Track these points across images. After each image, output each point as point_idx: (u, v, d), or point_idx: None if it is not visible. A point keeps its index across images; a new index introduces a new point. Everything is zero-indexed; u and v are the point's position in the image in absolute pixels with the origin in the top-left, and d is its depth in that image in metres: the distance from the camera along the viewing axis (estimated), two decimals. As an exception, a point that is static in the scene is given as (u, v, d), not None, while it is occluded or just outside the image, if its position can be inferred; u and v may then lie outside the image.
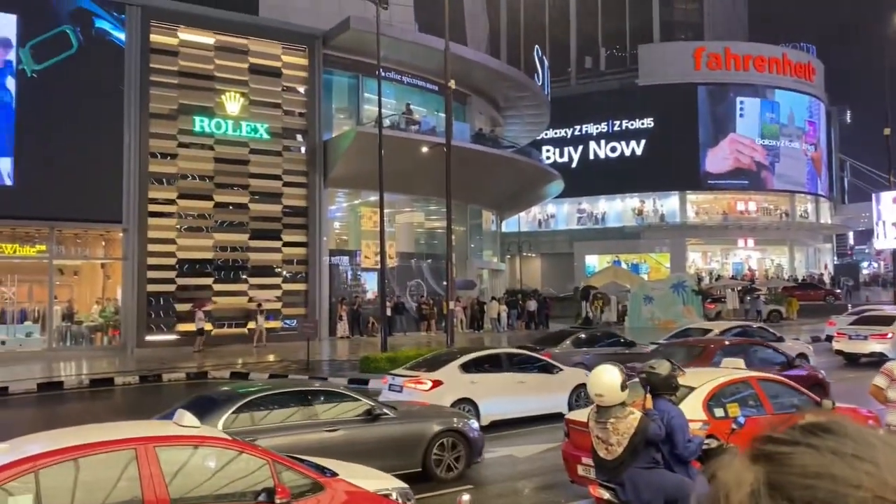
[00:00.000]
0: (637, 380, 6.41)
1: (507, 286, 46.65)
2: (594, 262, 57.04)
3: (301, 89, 29.79)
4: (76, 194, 24.90)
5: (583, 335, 18.65)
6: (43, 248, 25.33)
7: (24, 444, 5.46)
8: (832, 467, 0.69)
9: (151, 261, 26.25)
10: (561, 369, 13.67)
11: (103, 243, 27.48)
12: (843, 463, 0.69)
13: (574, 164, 58.86)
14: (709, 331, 17.48)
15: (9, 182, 24.18)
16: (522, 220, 56.33)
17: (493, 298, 36.53)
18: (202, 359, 23.03)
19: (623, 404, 5.47)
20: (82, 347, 25.75)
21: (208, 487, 5.41)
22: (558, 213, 61.52)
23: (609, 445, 5.42)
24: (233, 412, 8.05)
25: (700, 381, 8.09)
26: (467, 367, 12.67)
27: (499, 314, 34.68)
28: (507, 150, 37.50)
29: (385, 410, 9.02)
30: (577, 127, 59.61)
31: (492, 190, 36.32)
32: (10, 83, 24.47)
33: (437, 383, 12.10)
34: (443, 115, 28.56)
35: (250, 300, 27.35)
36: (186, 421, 5.73)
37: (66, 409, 15.92)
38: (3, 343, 24.57)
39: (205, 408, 7.99)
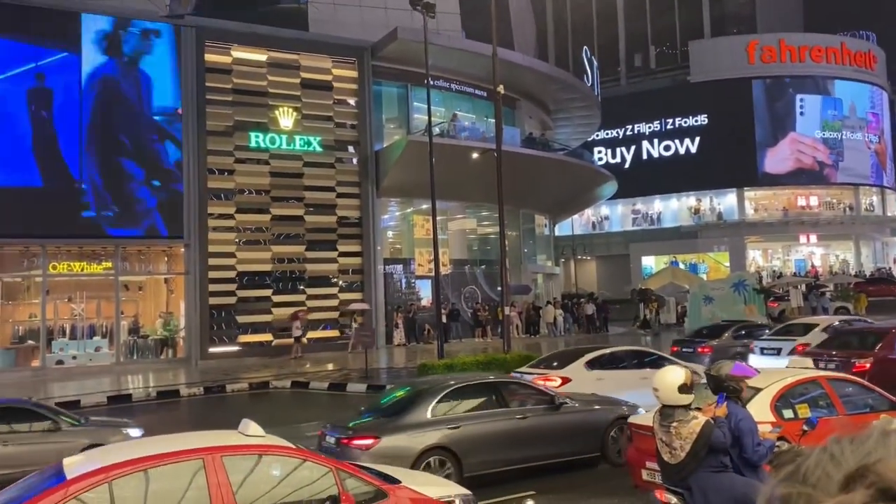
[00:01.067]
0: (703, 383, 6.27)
1: (563, 290, 46.26)
2: (651, 263, 56.10)
3: (352, 101, 30.19)
4: (139, 212, 25.75)
5: (743, 329, 20.08)
6: (109, 265, 26.22)
7: (97, 456, 5.65)
8: None
9: (212, 274, 26.92)
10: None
11: (166, 259, 28.29)
12: None
13: (627, 165, 58.06)
14: (811, 326, 18.13)
15: (87, 205, 25.11)
16: (576, 223, 55.87)
17: (549, 303, 36.27)
18: (296, 365, 23.87)
19: (687, 408, 5.35)
20: (148, 360, 26.53)
21: (274, 495, 5.50)
22: (612, 214, 60.75)
23: (672, 450, 5.31)
24: (438, 401, 9.10)
25: (767, 382, 7.86)
26: (592, 364, 13.03)
27: (555, 318, 34.39)
28: (558, 153, 37.25)
29: (566, 400, 9.93)
30: (629, 126, 58.80)
31: (544, 194, 36.11)
32: (75, 103, 25.41)
33: (565, 380, 12.25)
34: (492, 120, 28.55)
35: (294, 316, 27.51)
36: (251, 430, 5.84)
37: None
38: (74, 358, 25.48)
39: (411, 400, 9.20)
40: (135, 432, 10.86)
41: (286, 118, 28.52)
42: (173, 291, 28.31)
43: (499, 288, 28.79)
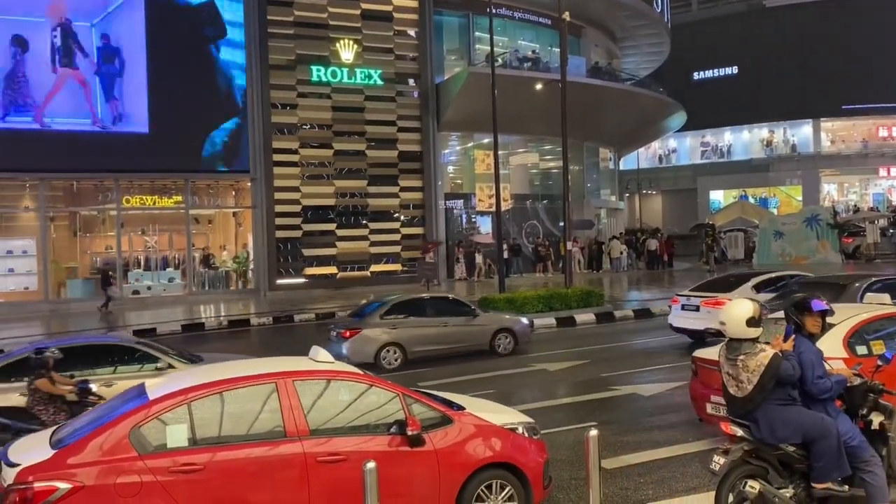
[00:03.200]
0: (773, 317, 6.15)
1: (626, 225, 45.55)
2: (719, 197, 54.58)
3: (412, 32, 29.75)
4: (207, 146, 26.30)
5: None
6: (179, 198, 27.00)
7: (176, 379, 5.92)
8: None
9: (278, 208, 27.46)
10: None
11: (234, 193, 28.96)
12: None
13: (697, 95, 55.95)
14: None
15: (144, 130, 25.72)
16: (641, 157, 54.53)
17: (614, 237, 35.80)
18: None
19: (755, 341, 5.26)
20: (219, 291, 27.51)
21: (343, 419, 5.68)
22: (680, 147, 58.99)
23: (739, 383, 5.25)
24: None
25: (840, 318, 7.64)
26: (759, 288, 14.00)
27: (620, 254, 34.03)
28: (625, 84, 36.12)
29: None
30: (700, 55, 56.37)
31: (609, 126, 35.23)
32: (142, 41, 25.77)
33: None
34: (556, 50, 27.79)
35: (427, 247, 27.31)
36: (321, 356, 6.02)
37: (207, 348, 17.11)
38: (149, 288, 26.61)
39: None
40: (522, 321, 14.45)
41: (347, 51, 28.36)
42: (241, 225, 29.06)
43: (561, 223, 28.55)
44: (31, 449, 5.23)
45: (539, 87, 27.19)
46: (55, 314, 23.76)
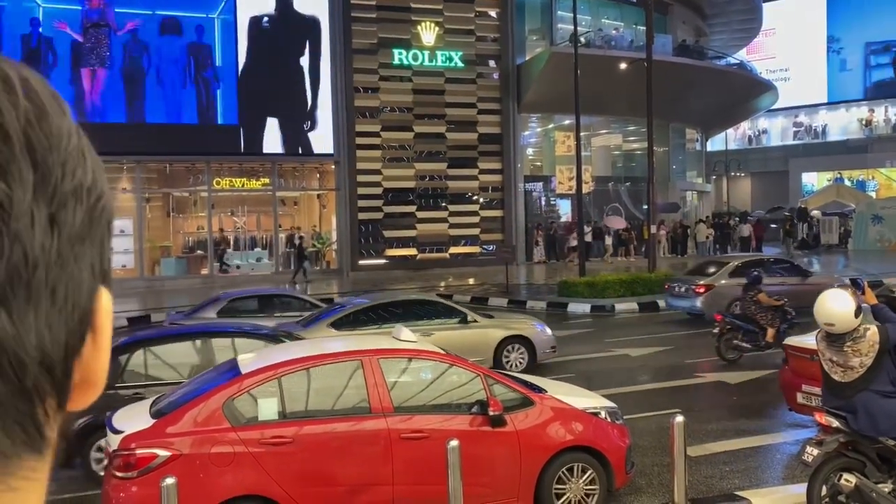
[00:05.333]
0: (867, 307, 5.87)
1: (713, 208, 44.16)
2: (812, 180, 52.18)
3: (493, 13, 29.54)
4: (293, 131, 26.95)
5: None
6: (266, 181, 27.80)
7: (268, 354, 6.14)
8: None
9: (360, 191, 27.93)
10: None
11: (318, 175, 29.62)
12: None
13: (790, 73, 53.50)
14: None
15: (234, 121, 26.58)
16: (730, 137, 52.62)
17: (700, 221, 34.78)
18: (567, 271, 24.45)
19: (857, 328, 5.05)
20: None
21: (425, 397, 5.78)
22: (771, 128, 56.60)
23: (847, 369, 5.04)
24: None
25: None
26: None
27: (706, 237, 33.05)
28: (714, 62, 34.87)
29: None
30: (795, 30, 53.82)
31: (696, 106, 34.12)
32: (231, 28, 26.55)
33: None
34: (642, 28, 27.08)
35: (569, 227, 27.01)
36: (404, 335, 6.13)
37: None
38: (238, 267, 27.61)
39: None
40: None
41: (428, 33, 28.43)
42: (325, 206, 29.71)
43: (644, 206, 27.94)
44: (134, 417, 5.54)
45: (623, 66, 26.57)
46: (151, 291, 24.95)
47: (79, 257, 0.31)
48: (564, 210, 32.42)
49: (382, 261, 28.28)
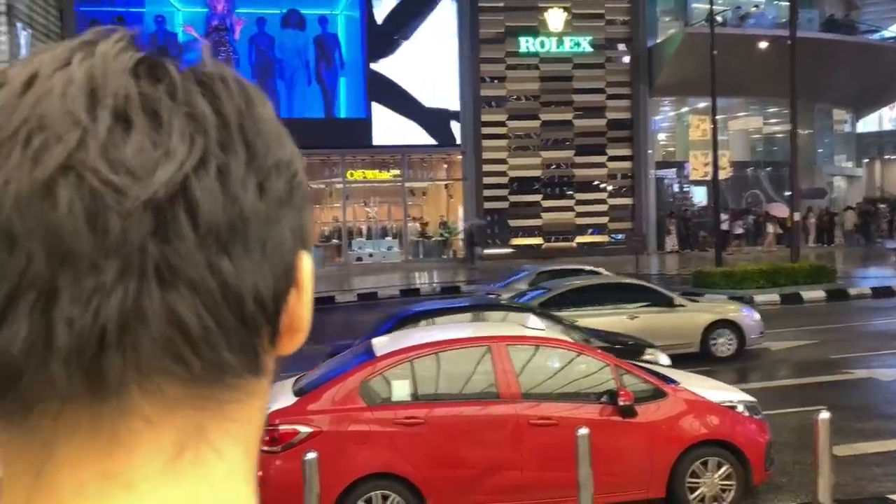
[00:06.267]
0: None
1: (865, 194, 40.99)
2: (983, 162, 47.24)
3: (623, -4, 28.78)
4: (421, 122, 27.50)
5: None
6: (397, 172, 28.56)
7: (400, 338, 6.36)
8: None
9: (486, 180, 28.11)
10: None
11: (445, 166, 30.08)
12: None
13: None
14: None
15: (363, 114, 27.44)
16: (884, 118, 48.54)
17: (849, 208, 32.41)
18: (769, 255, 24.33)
19: None
20: (432, 259, 28.82)
21: (553, 385, 5.79)
22: (933, 105, 51.68)
23: None
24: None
25: None
26: None
27: (855, 226, 30.77)
28: (866, 37, 32.29)
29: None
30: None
31: (846, 85, 31.72)
32: (357, 24, 27.39)
33: None
34: (784, 3, 25.51)
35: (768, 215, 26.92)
36: (532, 323, 6.16)
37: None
38: (371, 255, 28.59)
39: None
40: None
41: (556, 19, 28.11)
42: (452, 196, 30.13)
43: (787, 192, 26.40)
44: (277, 394, 5.90)
45: (764, 45, 25.15)
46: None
47: (281, 220, 0.39)
48: (698, 197, 31.15)
49: (508, 250, 28.34)
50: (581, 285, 11.11)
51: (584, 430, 4.69)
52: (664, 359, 8.23)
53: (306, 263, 0.42)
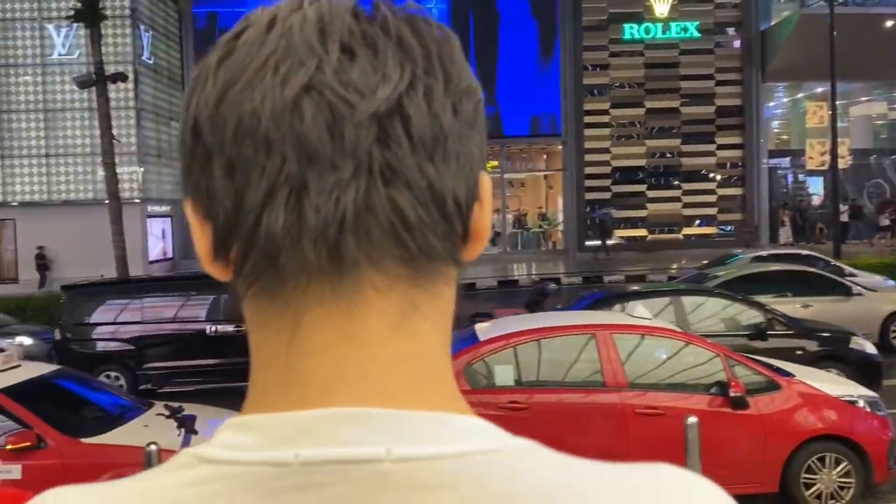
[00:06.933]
0: None
1: None
2: None
3: (734, -22, 27.63)
4: (521, 112, 27.40)
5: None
6: (495, 163, 28.55)
7: (502, 324, 6.40)
8: None
9: (588, 170, 27.67)
10: None
11: (545, 156, 29.84)
12: None
13: None
14: None
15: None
16: None
17: None
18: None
19: None
20: (531, 251, 28.69)
21: (660, 374, 5.70)
22: None
23: None
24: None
25: None
26: None
27: None
28: None
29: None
30: None
31: None
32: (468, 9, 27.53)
33: None
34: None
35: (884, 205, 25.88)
36: (639, 312, 6.07)
37: (523, 302, 18.08)
38: (469, 246, 28.73)
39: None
40: None
41: (661, 4, 27.30)
42: (552, 187, 29.89)
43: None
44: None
45: (889, 24, 23.55)
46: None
47: (470, 138, 0.47)
48: (815, 187, 29.57)
49: (611, 242, 27.81)
50: (751, 272, 10.77)
51: (693, 419, 4.60)
52: (870, 347, 7.98)
53: (487, 182, 0.49)
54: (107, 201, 18.05)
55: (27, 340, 11.60)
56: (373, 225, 0.42)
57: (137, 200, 24.08)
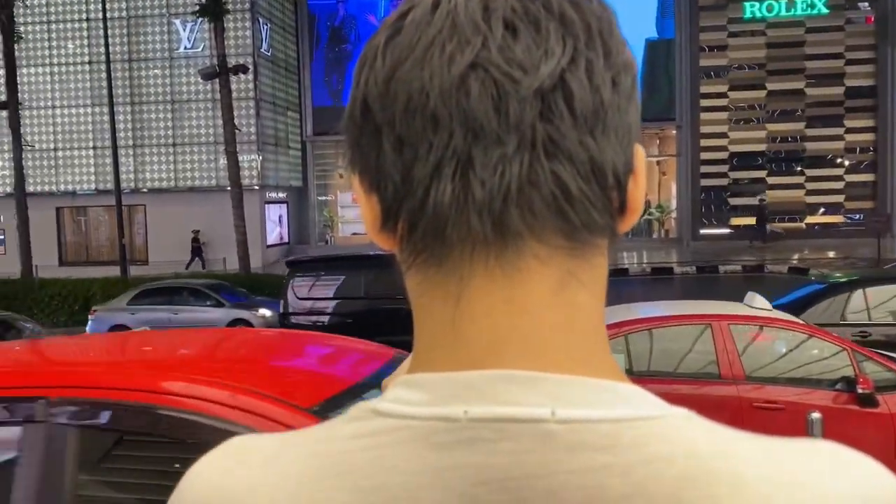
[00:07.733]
0: None
1: None
2: None
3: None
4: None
5: None
6: (605, 149, 28.00)
7: (610, 313, 6.30)
8: None
9: (704, 156, 26.66)
10: None
11: (657, 141, 28.96)
12: None
13: None
14: None
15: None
16: None
17: None
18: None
19: None
20: (641, 239, 27.96)
21: (780, 368, 5.46)
22: None
23: None
24: None
25: None
26: None
27: None
28: None
29: None
30: None
31: None
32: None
33: None
34: None
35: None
36: (758, 303, 5.82)
37: (631, 291, 17.69)
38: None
39: None
40: None
41: (787, -20, 25.84)
42: (665, 173, 28.99)
43: None
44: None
45: None
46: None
47: (628, 111, 0.47)
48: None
49: (726, 230, 26.75)
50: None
51: (816, 415, 4.39)
52: None
53: (641, 154, 0.49)
54: (228, 188, 18.99)
55: (268, 312, 12.66)
56: (536, 198, 0.44)
57: (256, 187, 25.22)
